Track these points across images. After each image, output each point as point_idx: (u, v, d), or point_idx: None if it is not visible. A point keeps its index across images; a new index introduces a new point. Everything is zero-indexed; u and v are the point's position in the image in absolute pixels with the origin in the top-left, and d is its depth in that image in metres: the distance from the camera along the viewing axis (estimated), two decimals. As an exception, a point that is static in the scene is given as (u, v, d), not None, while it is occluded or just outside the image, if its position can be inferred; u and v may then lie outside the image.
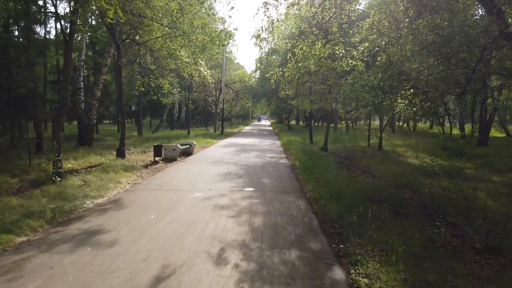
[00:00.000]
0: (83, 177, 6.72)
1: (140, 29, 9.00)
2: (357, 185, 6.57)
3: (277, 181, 7.08)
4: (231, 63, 31.07)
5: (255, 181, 6.95)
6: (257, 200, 5.42)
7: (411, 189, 6.74)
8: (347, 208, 5.00)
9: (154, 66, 10.09)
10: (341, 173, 8.19)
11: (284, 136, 20.94)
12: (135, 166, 8.41)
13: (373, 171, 8.80)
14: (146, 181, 6.87)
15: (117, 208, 4.90)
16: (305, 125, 38.70)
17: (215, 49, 10.15)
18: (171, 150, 10.19)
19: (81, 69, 13.20)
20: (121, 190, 6.11)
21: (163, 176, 7.46)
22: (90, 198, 5.41)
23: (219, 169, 8.43)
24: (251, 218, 4.46)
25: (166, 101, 21.30)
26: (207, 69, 12.46)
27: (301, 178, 7.51)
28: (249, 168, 8.61)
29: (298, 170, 8.52)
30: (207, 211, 4.73)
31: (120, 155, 9.60)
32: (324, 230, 4.10)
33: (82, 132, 12.56)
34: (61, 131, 6.69)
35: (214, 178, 7.24)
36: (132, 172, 7.71)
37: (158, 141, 15.80)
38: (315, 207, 5.16)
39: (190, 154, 11.66)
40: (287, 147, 14.28)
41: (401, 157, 11.70)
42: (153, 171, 8.19)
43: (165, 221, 4.27)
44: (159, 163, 9.31)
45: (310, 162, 9.49)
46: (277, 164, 9.54)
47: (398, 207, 5.26)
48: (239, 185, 6.56)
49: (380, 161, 10.32)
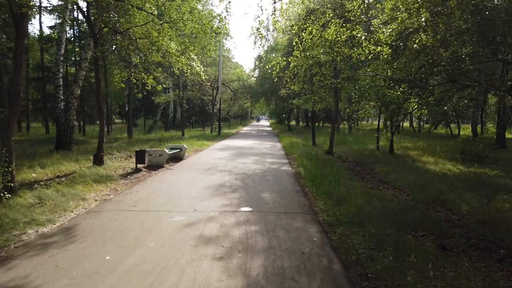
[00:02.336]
0: (41, 192, 5.41)
1: (120, 16, 7.70)
2: (379, 202, 5.30)
3: (280, 196, 5.79)
4: (229, 61, 29.77)
5: (253, 197, 5.66)
6: (255, 227, 4.13)
7: (444, 206, 5.47)
8: (375, 239, 3.73)
9: (137, 59, 8.78)
10: (354, 184, 6.91)
11: (285, 137, 19.65)
12: (111, 176, 7.11)
13: (391, 181, 7.52)
14: (119, 197, 5.57)
15: (65, 242, 3.60)
16: (305, 125, 37.41)
17: (207, 40, 8.82)
18: (157, 155, 8.89)
19: (60, 65, 11.87)
20: (83, 211, 4.81)
21: (141, 189, 6.16)
22: (35, 225, 4.11)
23: (210, 179, 7.14)
24: (246, 260, 3.17)
25: (159, 100, 20.00)
26: (200, 64, 11.13)
27: (309, 191, 6.23)
28: (246, 178, 7.32)
29: (303, 180, 7.23)
30: (186, 248, 3.43)
31: (98, 162, 8.29)
32: (353, 284, 2.82)
33: (61, 135, 11.24)
34: (12, 134, 5.39)
35: (203, 192, 5.94)
36: (105, 184, 6.41)
37: (148, 143, 14.50)
38: (333, 238, 3.88)
39: (180, 159, 10.37)
40: (288, 151, 12.99)
41: (417, 162, 10.43)
42: (132, 182, 6.88)
43: (123, 268, 2.98)
44: (142, 172, 8.00)
45: (316, 169, 8.22)
46: (279, 172, 8.25)
47: (442, 237, 3.99)
48: (233, 202, 5.26)
49: (396, 168, 9.04)
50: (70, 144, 11.18)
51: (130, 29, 8.10)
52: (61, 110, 11.49)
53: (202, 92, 25.90)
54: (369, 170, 9.19)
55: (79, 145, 12.84)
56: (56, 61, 11.87)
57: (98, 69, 8.35)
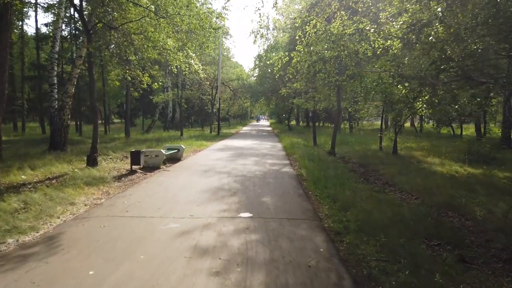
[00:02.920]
0: (27, 196, 5.08)
1: (114, 10, 7.37)
2: (388, 207, 4.97)
3: (281, 200, 5.46)
4: (228, 60, 29.42)
5: (253, 201, 5.33)
6: (256, 235, 3.80)
7: (457, 211, 5.14)
8: (387, 250, 3.40)
9: (133, 56, 8.44)
10: (360, 187, 6.59)
11: (285, 137, 19.31)
12: (104, 178, 6.77)
13: (397, 183, 7.19)
14: (110, 201, 5.23)
15: (47, 253, 3.27)
16: (305, 125, 37.05)
17: (205, 36, 8.49)
18: (153, 156, 8.55)
19: (55, 63, 11.53)
20: (70, 218, 4.47)
21: (135, 193, 5.82)
22: (16, 234, 3.77)
23: (208, 181, 6.80)
24: (246, 275, 2.84)
25: (157, 100, 19.65)
26: (198, 62, 10.80)
27: (312, 195, 5.89)
28: (245, 180, 6.99)
29: (306, 183, 6.91)
30: (179, 261, 3.10)
31: (91, 163, 7.95)
32: (367, 305, 2.49)
33: (55, 135, 10.90)
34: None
35: (200, 196, 5.60)
36: (97, 187, 6.07)
37: (145, 144, 14.17)
38: (341, 248, 3.55)
39: (178, 160, 10.04)
40: (289, 151, 12.66)
41: (423, 163, 10.11)
42: (126, 184, 6.55)
43: (107, 286, 2.65)
44: (137, 173, 7.67)
45: (319, 171, 7.89)
46: (280, 174, 7.92)
47: (459, 247, 3.66)
48: (231, 207, 4.93)
49: (401, 169, 8.72)
50: (64, 144, 10.84)
51: (125, 25, 7.77)
52: (55, 109, 11.16)
53: (201, 92, 25.54)
54: (373, 172, 8.86)
55: (74, 146, 12.51)
56: (51, 58, 11.52)
57: (91, 66, 8.01)
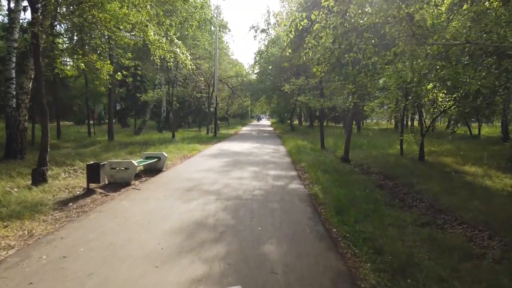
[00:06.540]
0: None
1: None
2: (460, 259, 3.01)
3: (294, 250, 3.47)
4: (226, 55, 27.44)
5: (249, 254, 3.34)
6: None
7: None
8: None
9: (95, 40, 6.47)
10: (401, 216, 4.63)
11: (289, 139, 17.33)
12: (43, 205, 4.81)
13: (449, 208, 5.22)
14: (18, 257, 3.25)
15: None
16: (308, 125, 35.04)
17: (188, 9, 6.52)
18: (121, 169, 6.59)
19: (13, 53, 9.56)
20: None
21: (71, 234, 3.85)
22: None
23: (188, 210, 4.84)
24: None
25: (146, 98, 17.71)
26: (186, 51, 8.84)
27: (340, 236, 3.92)
28: (240, 207, 5.02)
29: (325, 211, 4.93)
30: None
31: (37, 179, 6.00)
32: None
33: (11, 140, 8.96)
34: None
35: (167, 242, 3.62)
36: (19, 223, 4.10)
37: (128, 148, 12.23)
38: None
39: (159, 172, 8.09)
40: (295, 157, 10.69)
41: (463, 175, 8.13)
42: (68, 216, 4.58)
43: None
44: (95, 194, 5.71)
45: (338, 188, 5.95)
46: (288, 195, 5.94)
47: None
48: (212, 272, 2.95)
49: (443, 184, 6.75)
50: (21, 151, 8.89)
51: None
52: (12, 108, 9.20)
53: (197, 89, 23.56)
54: (406, 187, 6.89)
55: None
56: (8, 48, 9.57)
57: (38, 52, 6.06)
